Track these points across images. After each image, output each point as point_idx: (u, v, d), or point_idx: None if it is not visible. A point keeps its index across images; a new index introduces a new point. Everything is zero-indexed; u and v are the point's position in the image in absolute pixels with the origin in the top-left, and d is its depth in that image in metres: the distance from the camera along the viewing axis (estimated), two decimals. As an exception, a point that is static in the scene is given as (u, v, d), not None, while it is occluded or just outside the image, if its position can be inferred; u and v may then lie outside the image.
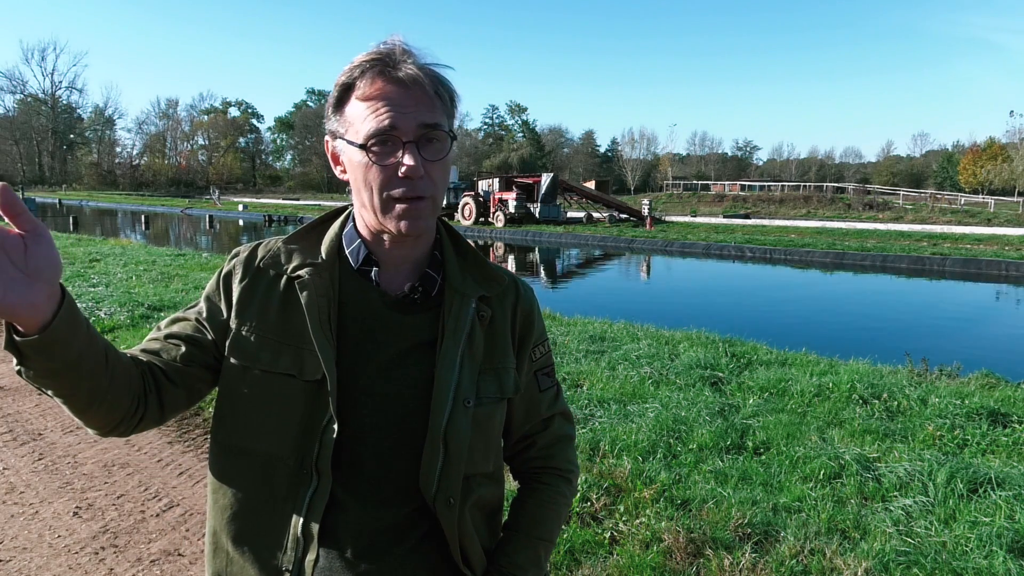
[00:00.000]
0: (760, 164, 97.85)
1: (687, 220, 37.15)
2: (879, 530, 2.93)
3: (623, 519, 3.05)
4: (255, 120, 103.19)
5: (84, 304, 7.73)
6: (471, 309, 1.02)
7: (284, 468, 0.95)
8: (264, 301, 1.00)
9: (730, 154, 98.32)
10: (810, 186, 54.28)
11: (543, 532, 1.10)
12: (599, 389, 5.00)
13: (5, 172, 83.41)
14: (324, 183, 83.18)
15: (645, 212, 34.61)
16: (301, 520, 0.94)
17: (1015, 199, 43.13)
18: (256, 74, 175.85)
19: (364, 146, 0.92)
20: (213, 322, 1.01)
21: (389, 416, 0.97)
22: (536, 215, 32.40)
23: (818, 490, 3.33)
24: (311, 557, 0.93)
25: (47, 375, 0.81)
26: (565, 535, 2.89)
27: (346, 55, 0.97)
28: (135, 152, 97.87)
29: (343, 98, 0.96)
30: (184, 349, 0.99)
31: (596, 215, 35.83)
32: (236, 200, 57.61)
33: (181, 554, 2.92)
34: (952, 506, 3.14)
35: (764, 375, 5.38)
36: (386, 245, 1.01)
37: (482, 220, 32.73)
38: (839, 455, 3.66)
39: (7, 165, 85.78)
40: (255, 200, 61.25)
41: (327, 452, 0.93)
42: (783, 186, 54.86)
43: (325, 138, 1.02)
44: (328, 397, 0.94)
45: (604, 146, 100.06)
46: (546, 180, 33.41)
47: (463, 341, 1.00)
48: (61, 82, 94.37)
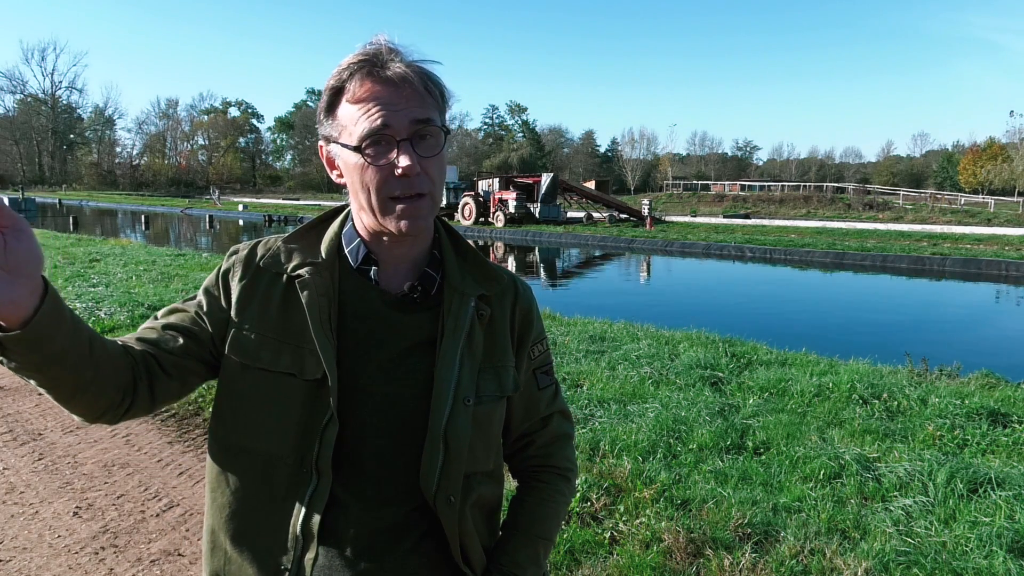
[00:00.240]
0: (760, 164, 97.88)
1: (687, 220, 37.14)
2: (879, 530, 2.93)
3: (623, 519, 3.05)
4: (255, 120, 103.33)
5: (84, 304, 7.73)
6: (471, 308, 1.02)
7: (284, 467, 0.95)
8: (264, 300, 1.00)
9: (730, 154, 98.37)
10: (810, 186, 54.29)
11: (542, 530, 1.10)
12: (599, 389, 5.00)
13: (5, 172, 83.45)
14: (324, 183, 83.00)
15: (645, 212, 34.59)
16: (300, 519, 0.94)
17: (1015, 199, 43.13)
18: (256, 74, 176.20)
19: (359, 148, 0.92)
20: (211, 316, 1.01)
21: (389, 415, 0.97)
22: (536, 215, 32.38)
23: (818, 490, 3.33)
24: (310, 556, 0.93)
25: (30, 368, 0.81)
26: (565, 535, 2.89)
27: (346, 55, 0.97)
28: (135, 152, 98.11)
29: (334, 102, 0.96)
30: (181, 341, 0.98)
31: (596, 215, 35.81)
32: (236, 200, 57.62)
33: (181, 554, 2.92)
34: (952, 506, 3.14)
35: (764, 375, 5.38)
36: (385, 244, 1.01)
37: (482, 220, 32.72)
38: (839, 455, 3.66)
39: (7, 165, 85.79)
40: (255, 200, 61.25)
41: (327, 451, 0.93)
42: (783, 186, 54.88)
43: (319, 143, 1.02)
44: (328, 396, 0.94)
45: (604, 146, 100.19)
46: (546, 180, 33.41)
47: (463, 340, 1.00)
48: (61, 82, 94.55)
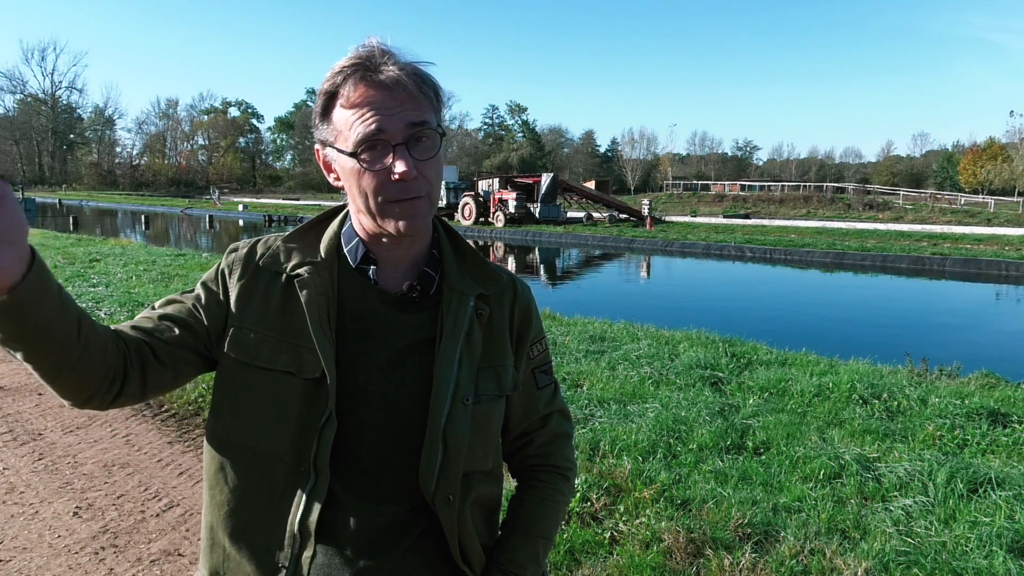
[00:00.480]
0: (760, 164, 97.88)
1: (687, 220, 37.14)
2: (879, 530, 2.93)
3: (623, 519, 3.05)
4: (255, 120, 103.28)
5: (84, 304, 7.74)
6: (469, 307, 1.02)
7: (282, 465, 0.95)
8: (264, 299, 1.00)
9: (730, 154, 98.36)
10: (810, 186, 54.26)
11: (541, 530, 1.10)
12: (599, 389, 5.00)
13: (5, 172, 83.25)
14: (324, 183, 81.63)
15: (645, 212, 34.58)
16: (298, 517, 0.94)
17: (1015, 199, 43.12)
18: (256, 74, 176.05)
19: (354, 154, 0.92)
20: (208, 310, 1.01)
21: (388, 414, 0.97)
22: (536, 215, 32.39)
23: (818, 490, 3.33)
24: (308, 554, 0.93)
25: (16, 339, 0.79)
26: (565, 535, 2.89)
27: (344, 56, 0.97)
28: (135, 152, 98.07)
29: (328, 106, 0.95)
30: (177, 331, 0.98)
31: (596, 215, 35.81)
32: (236, 200, 57.62)
33: (181, 554, 2.92)
34: (952, 506, 3.14)
35: (764, 375, 5.38)
36: (384, 244, 1.01)
37: (482, 220, 32.72)
38: (839, 455, 3.66)
39: (7, 165, 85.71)
40: (255, 200, 61.24)
41: (325, 450, 0.94)
42: (783, 186, 54.86)
43: (315, 147, 1.02)
44: (327, 395, 0.94)
45: (604, 146, 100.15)
46: (546, 180, 33.41)
47: (462, 339, 1.00)
48: (61, 82, 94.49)
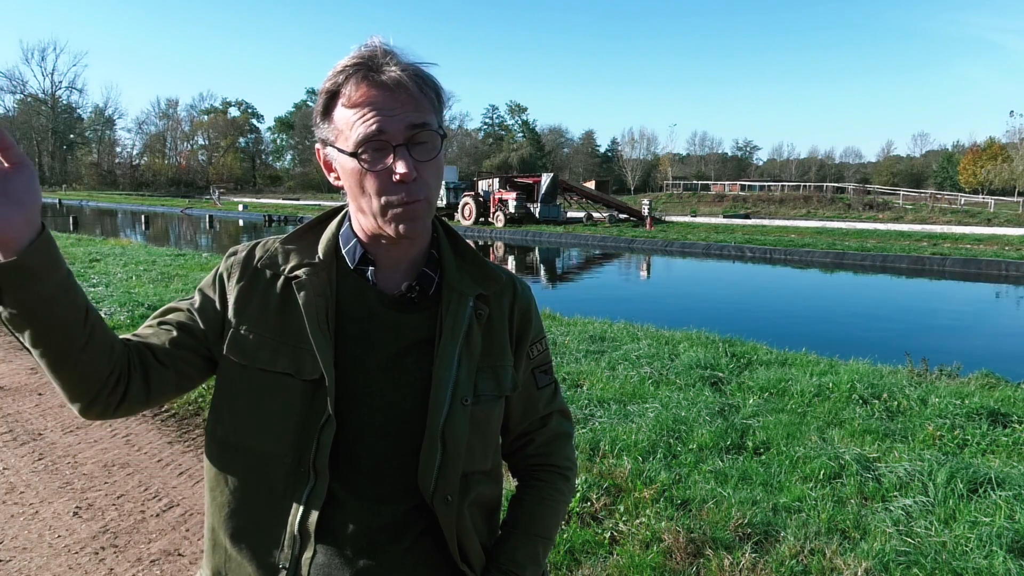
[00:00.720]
0: (760, 164, 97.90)
1: (687, 220, 37.14)
2: (879, 530, 2.93)
3: (623, 519, 3.05)
4: (255, 120, 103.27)
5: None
6: (469, 308, 1.02)
7: (281, 466, 0.95)
8: (262, 301, 1.00)
9: (730, 154, 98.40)
10: (810, 186, 54.26)
11: (541, 529, 1.10)
12: (599, 389, 5.00)
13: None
14: (324, 183, 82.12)
15: (645, 212, 34.57)
16: (298, 518, 0.94)
17: (1015, 199, 43.13)
18: (256, 74, 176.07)
19: (355, 154, 0.92)
20: (205, 314, 1.02)
21: (387, 414, 0.97)
22: (536, 215, 32.38)
23: (818, 490, 3.33)
24: (308, 555, 0.94)
25: (22, 311, 0.80)
26: (565, 535, 2.89)
27: (345, 56, 0.97)
28: (135, 152, 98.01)
29: (329, 105, 0.95)
30: (175, 334, 0.99)
31: (596, 215, 35.81)
32: (236, 200, 57.62)
33: (181, 554, 2.92)
34: (952, 506, 3.14)
35: (764, 375, 5.38)
36: (383, 245, 1.01)
37: (482, 220, 32.71)
38: (839, 455, 3.66)
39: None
40: (255, 200, 61.25)
41: (324, 451, 0.94)
42: (783, 186, 54.86)
43: (316, 145, 1.02)
44: (326, 396, 0.94)
45: (604, 146, 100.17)
46: (546, 180, 33.40)
47: (461, 339, 1.00)
48: (61, 82, 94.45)
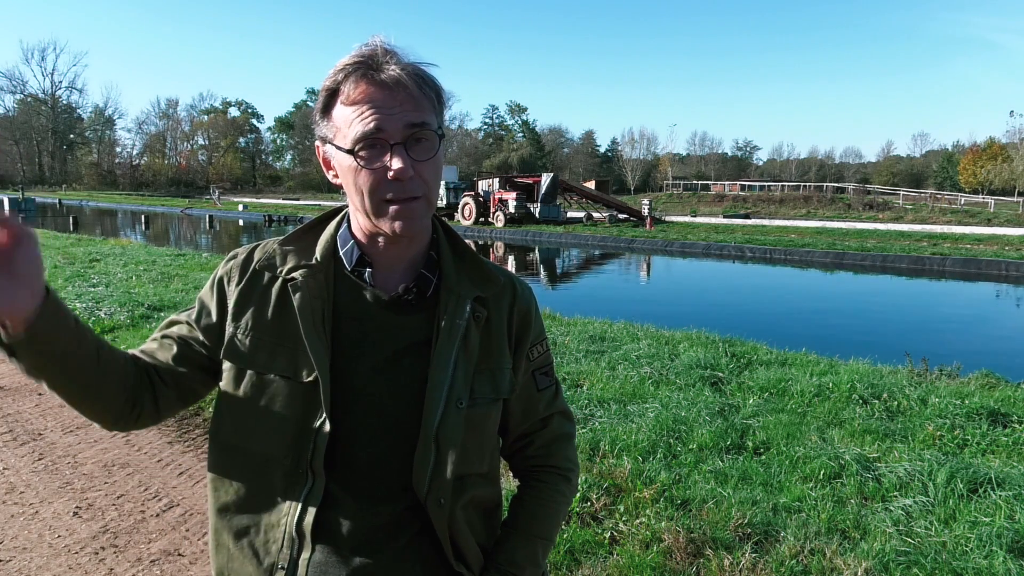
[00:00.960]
0: (760, 164, 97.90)
1: (687, 220, 37.11)
2: (879, 530, 2.93)
3: (623, 519, 3.05)
4: (255, 120, 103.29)
5: (84, 304, 7.73)
6: (466, 310, 1.02)
7: (280, 467, 0.96)
8: (260, 303, 1.00)
9: (730, 154, 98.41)
10: (810, 186, 54.24)
11: (541, 530, 1.10)
12: (599, 389, 5.00)
13: (5, 172, 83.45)
14: (324, 183, 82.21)
15: (645, 212, 34.56)
16: (296, 518, 0.95)
17: (1015, 199, 43.12)
18: (256, 74, 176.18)
19: (352, 151, 0.92)
20: (203, 326, 1.03)
21: (383, 416, 0.97)
22: (536, 215, 32.36)
23: (818, 490, 3.33)
24: (306, 555, 0.95)
25: (39, 369, 0.84)
26: (565, 535, 2.89)
27: (345, 55, 0.97)
28: (135, 152, 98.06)
29: (329, 103, 0.96)
30: (175, 351, 1.02)
31: (596, 215, 35.79)
32: (236, 200, 57.62)
33: (181, 554, 2.92)
34: (952, 506, 3.14)
35: (764, 375, 5.38)
36: (380, 246, 1.01)
37: (482, 220, 32.70)
38: (839, 455, 3.66)
39: (7, 165, 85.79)
40: (255, 200, 61.24)
41: (320, 452, 0.94)
42: (783, 186, 54.83)
43: (316, 143, 1.02)
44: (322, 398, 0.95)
45: (604, 146, 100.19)
46: (546, 180, 33.38)
47: (458, 342, 1.00)
48: (61, 82, 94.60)
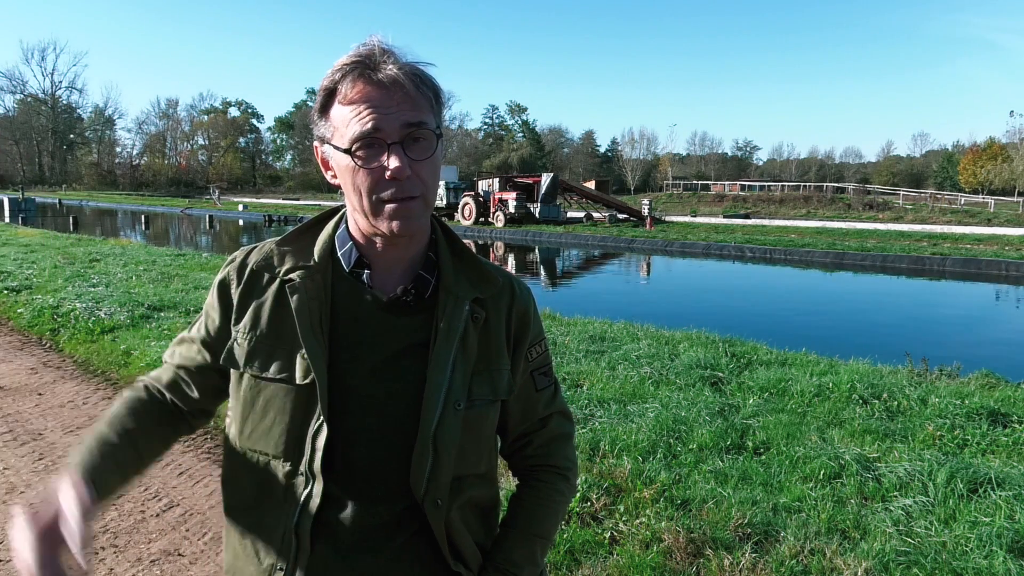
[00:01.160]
0: (760, 164, 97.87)
1: (687, 220, 37.11)
2: (879, 530, 2.93)
3: (623, 519, 3.05)
4: (255, 120, 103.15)
5: (84, 304, 7.68)
6: (465, 311, 1.01)
7: (281, 468, 0.97)
8: (258, 305, 1.01)
9: (730, 154, 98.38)
10: (810, 186, 54.23)
11: (539, 529, 1.11)
12: (599, 389, 5.00)
13: (5, 172, 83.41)
14: (324, 183, 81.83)
15: (645, 212, 34.56)
16: (296, 518, 0.96)
17: (1015, 199, 43.13)
18: (256, 74, 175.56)
19: (349, 151, 0.92)
20: (213, 339, 1.06)
21: (380, 417, 0.98)
22: (536, 215, 32.35)
23: (818, 490, 3.33)
24: (305, 554, 0.96)
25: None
26: (565, 535, 2.89)
27: (344, 55, 0.97)
28: (135, 152, 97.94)
29: (327, 103, 0.96)
30: (191, 381, 1.10)
31: (596, 215, 35.79)
32: (236, 200, 57.63)
33: (181, 554, 2.92)
34: (952, 506, 3.14)
35: (764, 375, 5.37)
36: (379, 247, 1.00)
37: (482, 220, 32.70)
38: (839, 455, 3.66)
39: (7, 165, 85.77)
40: (255, 200, 61.25)
41: (319, 454, 0.95)
42: (783, 186, 54.83)
43: (314, 144, 1.02)
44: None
45: (604, 146, 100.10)
46: (546, 180, 33.39)
47: (456, 343, 1.00)
48: (61, 82, 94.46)
